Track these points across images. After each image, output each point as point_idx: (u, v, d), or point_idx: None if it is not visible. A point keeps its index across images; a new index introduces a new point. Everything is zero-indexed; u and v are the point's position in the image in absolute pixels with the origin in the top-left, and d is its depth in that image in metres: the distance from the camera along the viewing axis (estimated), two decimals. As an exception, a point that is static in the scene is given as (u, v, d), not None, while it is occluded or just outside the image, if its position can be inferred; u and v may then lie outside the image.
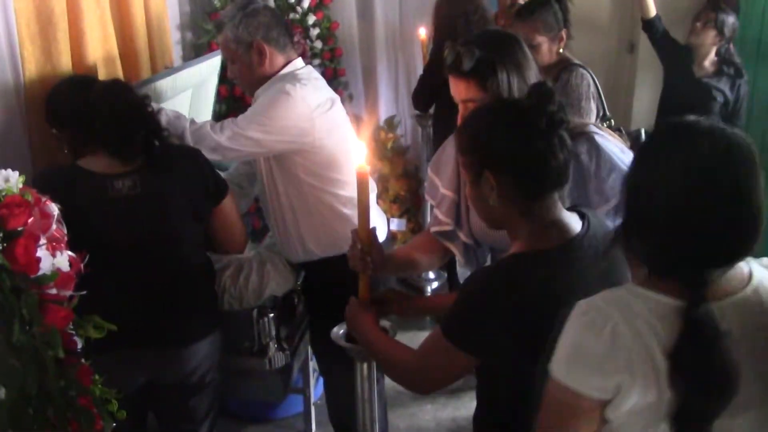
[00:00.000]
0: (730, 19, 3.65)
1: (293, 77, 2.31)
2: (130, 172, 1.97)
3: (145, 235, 1.98)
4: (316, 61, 4.13)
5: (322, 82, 2.42)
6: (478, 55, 1.75)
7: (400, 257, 2.00)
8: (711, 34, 3.64)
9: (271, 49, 2.32)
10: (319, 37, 4.17)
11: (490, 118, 1.47)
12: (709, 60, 3.70)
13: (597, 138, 1.81)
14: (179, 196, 2.03)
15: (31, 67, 2.32)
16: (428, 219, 4.24)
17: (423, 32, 3.91)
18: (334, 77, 4.23)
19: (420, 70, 3.98)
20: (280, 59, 2.36)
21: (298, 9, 4.03)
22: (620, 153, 1.82)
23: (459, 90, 1.82)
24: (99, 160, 1.97)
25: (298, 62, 2.41)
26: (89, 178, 1.94)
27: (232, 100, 3.88)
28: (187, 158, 2.10)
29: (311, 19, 4.08)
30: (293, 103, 2.24)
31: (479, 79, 1.76)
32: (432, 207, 2.05)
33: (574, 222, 1.48)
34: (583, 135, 1.81)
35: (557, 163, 1.40)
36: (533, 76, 1.80)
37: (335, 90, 3.97)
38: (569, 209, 1.52)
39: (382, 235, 2.54)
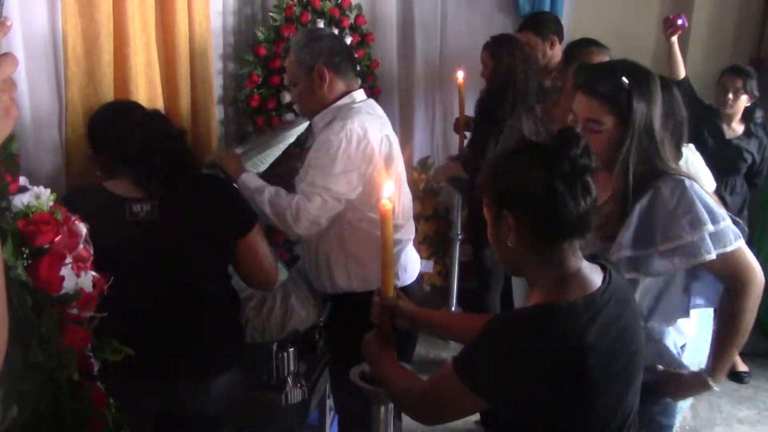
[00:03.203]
0: (754, 77, 3.68)
1: (348, 116, 2.30)
2: (150, 197, 1.96)
3: (160, 261, 1.96)
4: (354, 98, 4.16)
5: (377, 118, 2.40)
6: (617, 83, 1.76)
7: (436, 317, 1.91)
8: (743, 100, 3.66)
9: (331, 74, 2.35)
10: (359, 74, 4.19)
11: (512, 159, 1.46)
12: (737, 120, 3.73)
13: (687, 182, 1.81)
14: (198, 226, 2.01)
15: (74, 87, 2.35)
16: (456, 261, 4.23)
17: (461, 75, 3.92)
18: (371, 115, 4.24)
19: (456, 112, 3.98)
20: (340, 86, 2.38)
21: (340, 46, 4.07)
22: (711, 205, 1.80)
23: (585, 108, 1.84)
24: (123, 183, 1.99)
25: (357, 94, 2.42)
26: (110, 200, 1.95)
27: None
28: (213, 189, 2.10)
29: (352, 56, 4.11)
30: (351, 150, 2.25)
31: (612, 103, 1.78)
32: None
33: (595, 274, 1.45)
34: (674, 176, 1.82)
35: (577, 209, 1.37)
36: (661, 113, 1.83)
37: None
38: (590, 259, 1.49)
39: (413, 275, 2.53)
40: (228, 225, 2.08)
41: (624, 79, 1.77)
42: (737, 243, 1.80)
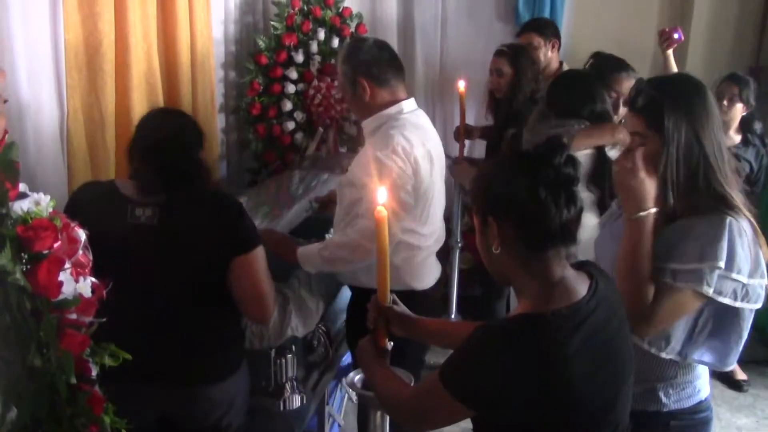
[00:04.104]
0: (752, 86, 3.67)
1: (392, 130, 2.33)
2: (153, 203, 1.98)
3: (157, 268, 1.96)
4: (355, 107, 4.18)
5: (421, 130, 2.42)
6: (651, 96, 1.75)
7: (430, 324, 1.89)
8: (738, 108, 3.66)
9: (371, 85, 2.38)
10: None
11: (498, 166, 1.48)
12: (734, 129, 3.74)
13: (728, 220, 1.68)
14: (196, 238, 2.00)
15: (75, 95, 2.38)
16: (456, 269, 4.24)
17: (462, 84, 3.93)
18: (371, 123, 4.26)
19: (456, 121, 4.00)
20: (383, 95, 2.40)
21: (341, 55, 4.09)
22: (738, 252, 1.67)
23: (629, 123, 1.84)
24: (130, 185, 2.01)
25: (407, 104, 2.43)
26: (116, 199, 1.98)
27: (269, 139, 3.93)
28: (218, 204, 2.08)
29: (353, 65, 4.14)
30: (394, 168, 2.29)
31: (648, 117, 1.76)
32: None
33: (581, 282, 1.45)
34: (723, 212, 1.70)
35: (560, 217, 1.37)
36: (711, 130, 1.73)
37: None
38: (576, 266, 1.50)
39: (429, 283, 2.54)
40: (227, 241, 2.03)
41: (656, 92, 1.75)
42: (727, 300, 1.68)
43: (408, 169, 2.31)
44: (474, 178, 1.52)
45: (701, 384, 1.85)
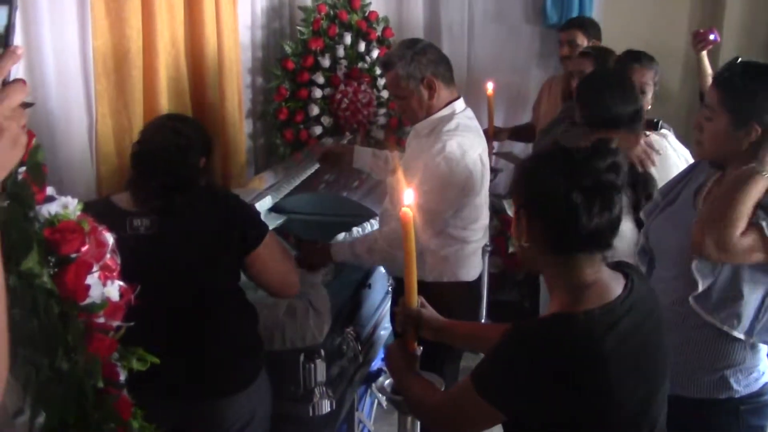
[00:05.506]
0: None
1: (447, 133, 2.39)
2: (150, 211, 1.92)
3: (162, 278, 1.85)
4: (382, 111, 4.17)
5: (473, 134, 2.49)
6: (738, 76, 1.78)
7: (461, 328, 1.87)
8: None
9: (439, 83, 2.44)
10: (386, 87, 4.20)
11: (540, 161, 1.46)
12: None
13: None
14: (199, 243, 1.96)
15: (104, 101, 2.40)
16: (486, 273, 4.19)
17: (490, 87, 3.90)
18: (399, 127, 4.25)
19: (485, 124, 3.96)
20: (445, 94, 2.47)
21: (367, 59, 4.09)
22: None
23: (707, 95, 1.88)
24: (126, 196, 1.97)
25: (458, 104, 2.49)
26: (112, 213, 1.90)
27: (296, 144, 3.93)
28: (216, 205, 2.03)
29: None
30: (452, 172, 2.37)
31: (726, 94, 1.79)
32: None
33: (616, 282, 1.41)
34: None
35: (590, 223, 1.33)
36: None
37: (399, 140, 4.00)
38: (612, 266, 1.46)
39: (477, 272, 2.60)
40: (231, 242, 2.00)
41: (742, 74, 1.78)
42: None
43: (460, 175, 2.37)
44: (518, 164, 1.51)
45: (764, 367, 1.90)
